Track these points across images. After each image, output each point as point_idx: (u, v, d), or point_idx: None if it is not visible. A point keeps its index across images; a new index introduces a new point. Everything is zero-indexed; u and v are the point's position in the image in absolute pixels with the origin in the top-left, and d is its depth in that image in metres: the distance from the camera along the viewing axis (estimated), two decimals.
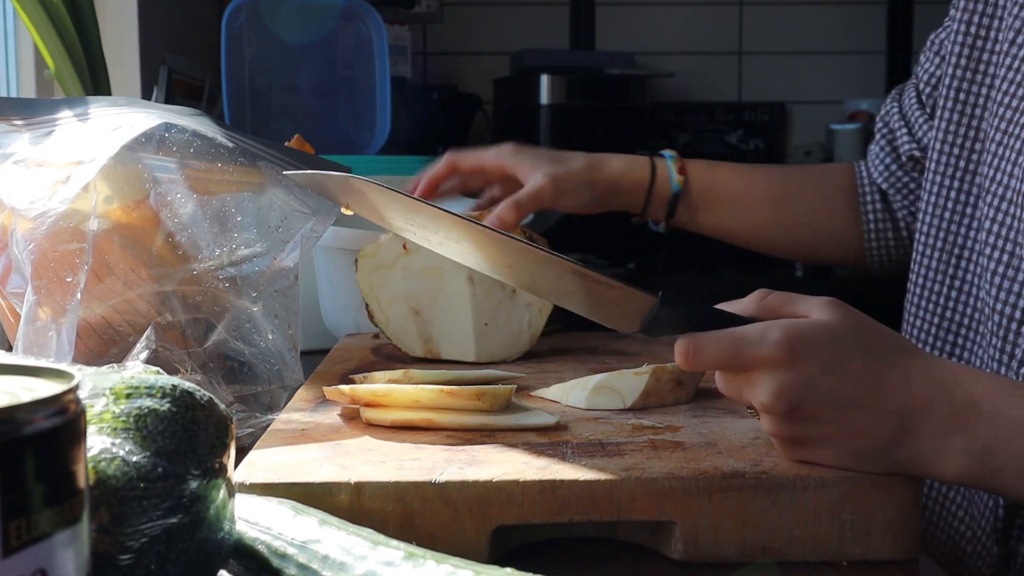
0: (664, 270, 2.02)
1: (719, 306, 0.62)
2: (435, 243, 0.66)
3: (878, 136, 1.05)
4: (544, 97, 2.30)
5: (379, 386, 0.68)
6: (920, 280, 0.91)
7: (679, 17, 2.66)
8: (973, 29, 0.88)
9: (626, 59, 2.46)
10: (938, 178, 0.89)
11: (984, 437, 0.57)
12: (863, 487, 0.57)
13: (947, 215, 0.88)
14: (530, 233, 0.92)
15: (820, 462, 0.58)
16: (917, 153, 0.99)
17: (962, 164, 0.87)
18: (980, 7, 0.87)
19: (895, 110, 1.03)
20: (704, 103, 2.70)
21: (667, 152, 1.06)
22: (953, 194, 0.88)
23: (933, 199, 0.89)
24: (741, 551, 0.56)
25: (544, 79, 2.30)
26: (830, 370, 0.56)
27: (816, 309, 0.59)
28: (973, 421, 0.57)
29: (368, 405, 0.68)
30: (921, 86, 1.00)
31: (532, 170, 0.98)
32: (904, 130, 1.01)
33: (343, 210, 0.70)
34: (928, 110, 0.99)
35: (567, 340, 1.02)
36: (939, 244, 0.88)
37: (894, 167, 1.03)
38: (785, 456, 0.59)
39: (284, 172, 0.74)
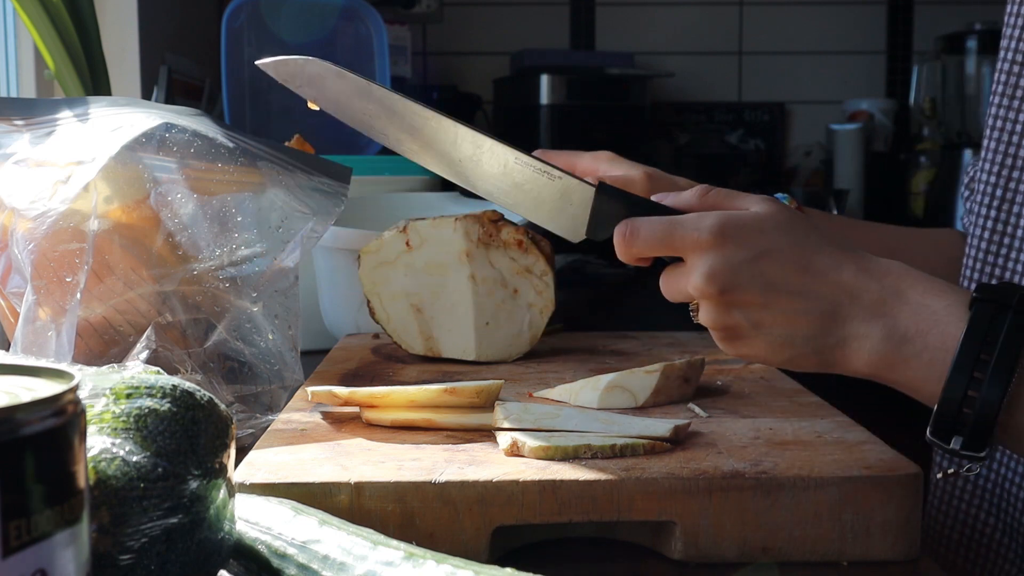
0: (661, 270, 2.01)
1: (657, 197, 0.65)
2: (391, 137, 0.68)
3: (968, 204, 0.99)
4: (544, 97, 2.30)
5: (378, 388, 0.68)
6: None
7: (679, 17, 2.66)
8: (1009, 55, 0.86)
9: (626, 59, 2.46)
10: (982, 209, 0.87)
11: (905, 324, 0.59)
12: (863, 487, 0.57)
13: (984, 244, 0.86)
14: (532, 234, 0.92)
15: (754, 355, 0.61)
16: None
17: (999, 193, 0.85)
18: (1019, 33, 0.85)
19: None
20: (704, 103, 2.70)
21: (780, 195, 1.00)
22: (990, 223, 0.86)
23: (976, 231, 0.87)
24: (741, 551, 0.56)
25: (544, 79, 2.30)
26: (759, 254, 0.59)
27: (755, 203, 0.62)
28: (897, 308, 0.59)
29: (367, 406, 0.68)
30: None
31: (630, 170, 0.92)
32: None
33: (309, 104, 0.71)
34: None
35: (567, 340, 1.02)
36: (975, 276, 0.86)
37: None
38: (724, 350, 0.62)
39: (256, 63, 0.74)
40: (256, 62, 0.72)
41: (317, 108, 0.69)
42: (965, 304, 0.59)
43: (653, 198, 0.65)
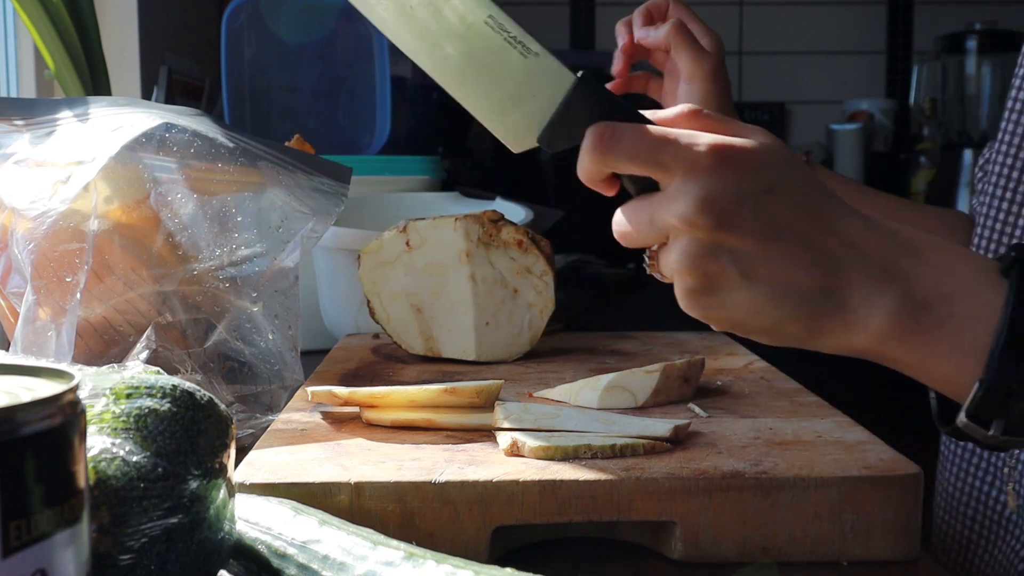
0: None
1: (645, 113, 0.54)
2: None
3: (980, 184, 0.97)
4: None
5: (378, 388, 0.68)
6: None
7: None
8: None
9: None
10: (996, 191, 0.85)
11: (924, 288, 0.50)
12: (863, 487, 0.57)
13: (997, 225, 0.84)
14: (532, 234, 0.92)
15: (731, 317, 0.51)
16: None
17: (1013, 174, 0.84)
18: None
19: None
20: None
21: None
22: (999, 203, 0.84)
23: (989, 211, 0.86)
24: (741, 551, 0.56)
25: None
26: (766, 188, 0.50)
27: (755, 133, 0.52)
28: (915, 270, 0.50)
29: (367, 406, 0.68)
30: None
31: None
32: None
33: None
34: None
35: (567, 340, 1.02)
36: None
37: None
38: (690, 308, 0.52)
39: None
40: None
41: None
42: (995, 269, 0.51)
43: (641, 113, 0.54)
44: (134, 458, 0.42)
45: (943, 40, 2.39)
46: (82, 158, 0.74)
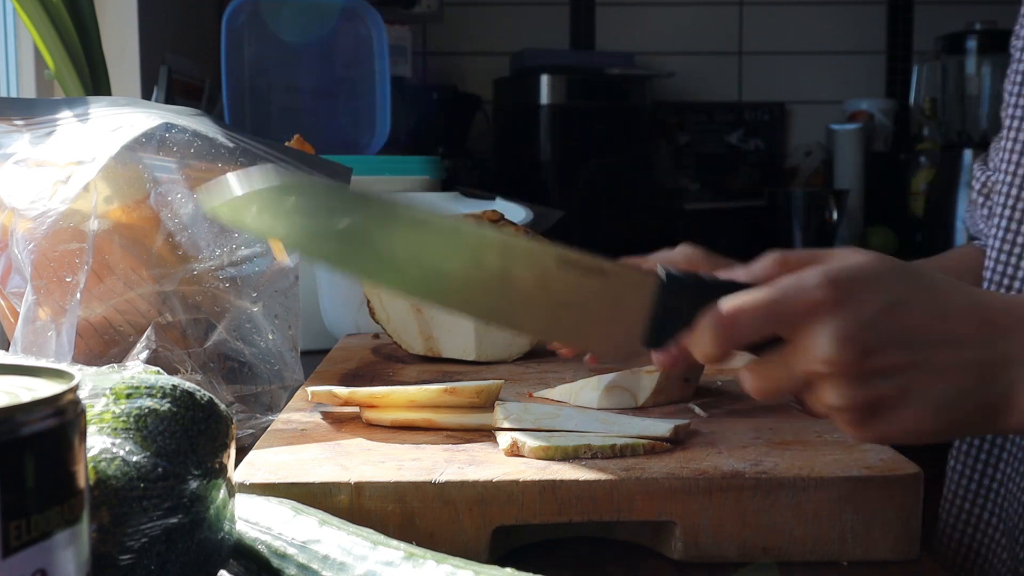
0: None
1: (723, 275, 0.54)
2: (383, 264, 0.50)
3: (984, 210, 0.97)
4: (544, 97, 2.30)
5: (378, 388, 0.68)
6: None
7: (679, 17, 2.66)
8: None
9: (626, 59, 2.47)
10: (1003, 211, 0.83)
11: None
12: (863, 487, 0.57)
13: (1004, 245, 0.84)
14: (532, 234, 0.92)
15: (903, 431, 0.51)
16: None
17: (1015, 192, 0.83)
18: None
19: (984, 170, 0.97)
20: (704, 103, 2.70)
21: None
22: (1006, 223, 0.84)
23: (996, 231, 0.85)
24: (741, 551, 0.56)
25: (544, 79, 2.30)
26: (890, 304, 0.49)
27: (848, 255, 0.52)
28: None
29: (367, 406, 0.68)
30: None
31: None
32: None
33: (276, 256, 0.50)
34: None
35: None
36: (995, 278, 0.85)
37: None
38: (864, 438, 0.52)
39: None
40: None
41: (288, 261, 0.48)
42: None
43: (719, 275, 0.53)
44: (134, 458, 0.42)
45: (943, 40, 2.39)
46: (82, 158, 0.74)
